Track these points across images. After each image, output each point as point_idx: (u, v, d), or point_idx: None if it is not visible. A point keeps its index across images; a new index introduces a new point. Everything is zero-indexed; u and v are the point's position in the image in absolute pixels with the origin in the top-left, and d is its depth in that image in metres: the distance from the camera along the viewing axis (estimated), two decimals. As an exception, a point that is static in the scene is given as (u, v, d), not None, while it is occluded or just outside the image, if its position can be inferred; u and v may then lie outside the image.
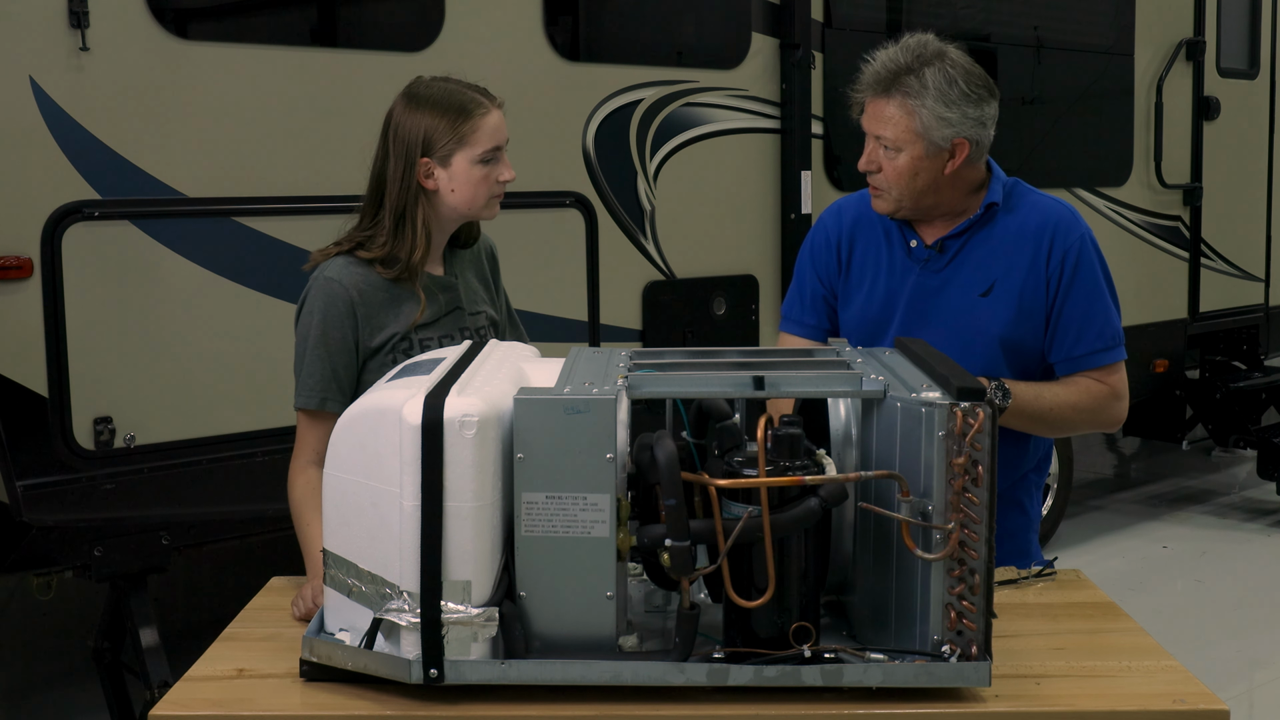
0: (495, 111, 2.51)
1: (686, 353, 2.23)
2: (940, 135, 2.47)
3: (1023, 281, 2.56)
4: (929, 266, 2.61)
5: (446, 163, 2.48)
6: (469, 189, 2.49)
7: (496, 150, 2.50)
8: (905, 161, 2.49)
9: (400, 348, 2.48)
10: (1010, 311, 2.55)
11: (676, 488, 1.79)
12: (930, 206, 2.57)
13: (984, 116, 2.51)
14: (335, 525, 1.90)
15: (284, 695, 1.89)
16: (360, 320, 2.46)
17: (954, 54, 2.52)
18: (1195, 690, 1.88)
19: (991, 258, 2.58)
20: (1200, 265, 6.68)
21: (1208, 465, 8.15)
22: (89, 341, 3.53)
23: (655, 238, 4.65)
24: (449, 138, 2.47)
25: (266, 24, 4.01)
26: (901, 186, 2.52)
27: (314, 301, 2.46)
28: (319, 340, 2.44)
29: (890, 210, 2.57)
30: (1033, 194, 2.64)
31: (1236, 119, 6.83)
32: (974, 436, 1.78)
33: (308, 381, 2.44)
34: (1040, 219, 2.58)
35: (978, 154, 2.54)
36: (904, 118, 2.47)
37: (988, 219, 2.59)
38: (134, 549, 3.73)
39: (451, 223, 2.56)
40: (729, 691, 1.82)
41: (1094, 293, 2.57)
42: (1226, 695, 2.81)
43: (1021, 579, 2.36)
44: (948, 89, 2.46)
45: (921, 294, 2.60)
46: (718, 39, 4.94)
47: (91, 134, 3.52)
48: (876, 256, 2.66)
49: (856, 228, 2.71)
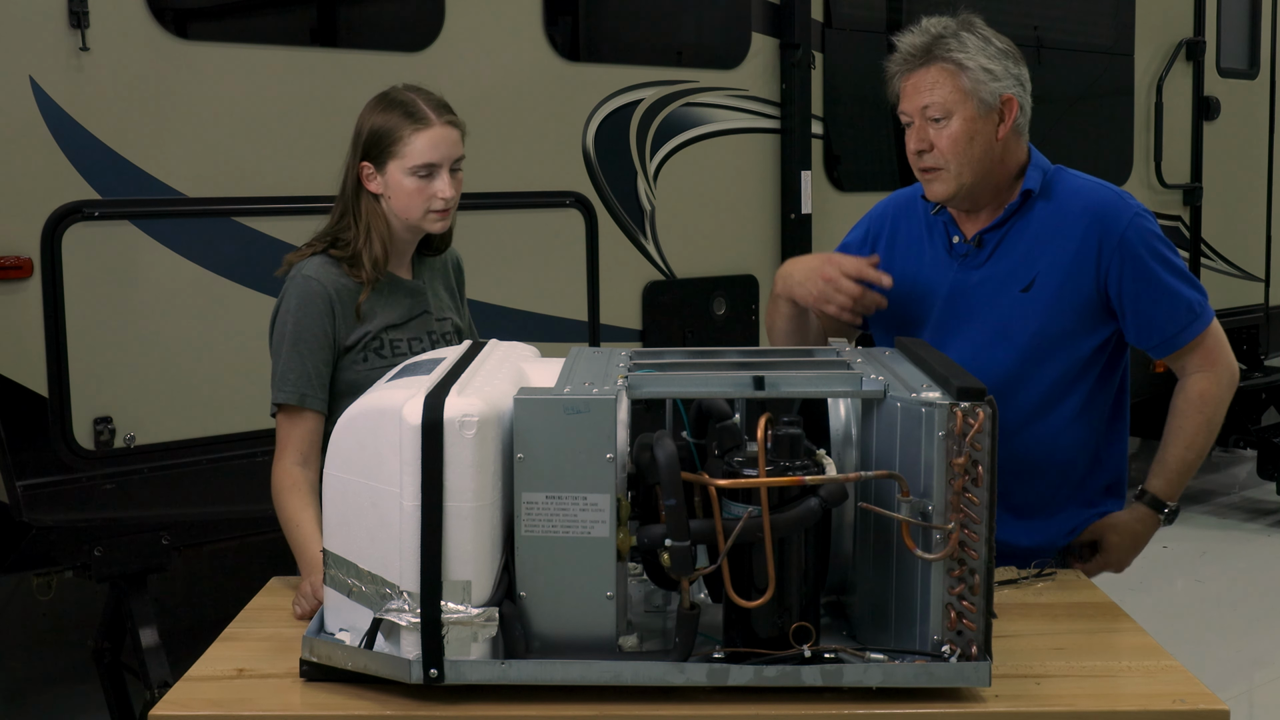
0: (439, 129, 2.49)
1: (686, 353, 2.23)
2: (989, 91, 2.42)
3: (1065, 275, 2.48)
4: (968, 263, 2.55)
5: (382, 170, 2.51)
6: (402, 199, 2.51)
7: (431, 166, 2.48)
8: (959, 126, 2.42)
9: (372, 346, 2.51)
10: (1052, 307, 2.48)
11: (676, 488, 1.79)
12: (983, 186, 2.49)
13: (1023, 76, 2.48)
14: (335, 525, 1.90)
15: (284, 695, 1.89)
16: (338, 319, 2.48)
17: (979, 21, 2.50)
18: (1195, 690, 1.88)
19: (1032, 251, 2.50)
20: (1200, 265, 6.68)
21: (1208, 465, 8.14)
22: (89, 341, 3.53)
23: (655, 238, 4.65)
24: (384, 145, 2.50)
25: (266, 24, 4.01)
26: (959, 156, 2.43)
27: (290, 300, 2.48)
28: (295, 338, 2.45)
29: (951, 190, 2.47)
30: (1075, 179, 2.57)
31: (1236, 119, 6.83)
32: (974, 436, 1.78)
33: (286, 378, 2.45)
34: (1082, 206, 2.51)
35: (1024, 120, 2.49)
36: (949, 79, 2.42)
37: (1025, 208, 2.52)
38: (134, 549, 3.72)
39: (404, 229, 2.56)
40: (729, 691, 1.82)
41: (1164, 268, 2.49)
42: (1226, 695, 2.81)
43: (1021, 579, 2.36)
44: (986, 45, 2.44)
45: (959, 292, 2.54)
46: (718, 39, 4.94)
47: (91, 134, 3.52)
48: (919, 252, 2.61)
49: (899, 216, 2.66)
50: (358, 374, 2.46)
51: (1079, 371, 2.54)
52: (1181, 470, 2.55)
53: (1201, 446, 2.55)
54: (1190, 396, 2.54)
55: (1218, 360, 2.55)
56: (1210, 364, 2.54)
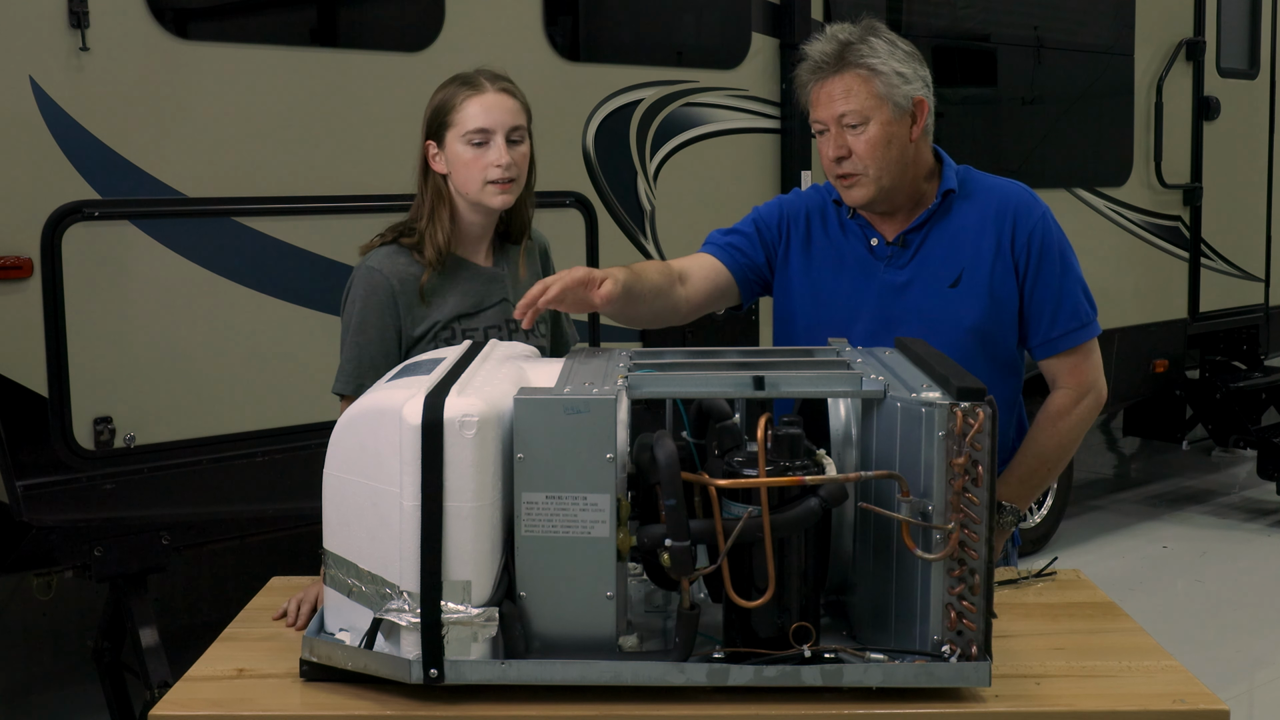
0: (492, 95, 2.48)
1: (686, 353, 2.23)
2: (902, 94, 2.43)
3: (991, 267, 2.52)
4: (893, 263, 2.56)
5: (443, 145, 2.51)
6: (460, 171, 2.49)
7: (484, 132, 2.46)
8: (876, 130, 2.43)
9: (442, 336, 2.50)
10: (982, 299, 2.51)
11: (676, 488, 1.79)
12: (899, 188, 2.50)
13: (929, 78, 2.50)
14: (335, 525, 1.90)
15: (284, 695, 1.89)
16: (402, 309, 2.47)
17: (882, 25, 2.51)
18: (1195, 690, 1.88)
19: (956, 247, 2.54)
20: (1200, 265, 6.68)
21: (1208, 465, 8.15)
22: (89, 341, 3.53)
23: (655, 238, 4.65)
24: (442, 117, 2.50)
25: (266, 24, 4.00)
26: (878, 160, 2.45)
27: (355, 290, 2.50)
28: (358, 328, 2.47)
29: (871, 194, 2.48)
30: (986, 178, 2.61)
31: (1236, 119, 6.83)
32: (974, 436, 1.78)
33: (345, 368, 2.47)
34: (1000, 202, 2.55)
35: (931, 121, 2.51)
36: (863, 84, 2.43)
37: (946, 208, 2.55)
38: (134, 549, 3.72)
39: (473, 210, 2.53)
40: (729, 691, 1.82)
41: (1063, 271, 2.54)
42: (1226, 695, 2.81)
43: (1021, 579, 2.36)
44: (894, 49, 2.45)
45: (888, 292, 2.55)
46: (718, 39, 4.94)
47: (91, 134, 3.52)
48: (839, 254, 2.61)
49: (814, 217, 2.64)
50: None
51: (1008, 360, 2.58)
52: (1026, 478, 2.55)
53: (1053, 462, 2.57)
54: (1049, 411, 2.57)
55: (1086, 378, 2.57)
56: (1078, 381, 2.57)
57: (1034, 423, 2.59)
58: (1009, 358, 2.58)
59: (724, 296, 2.66)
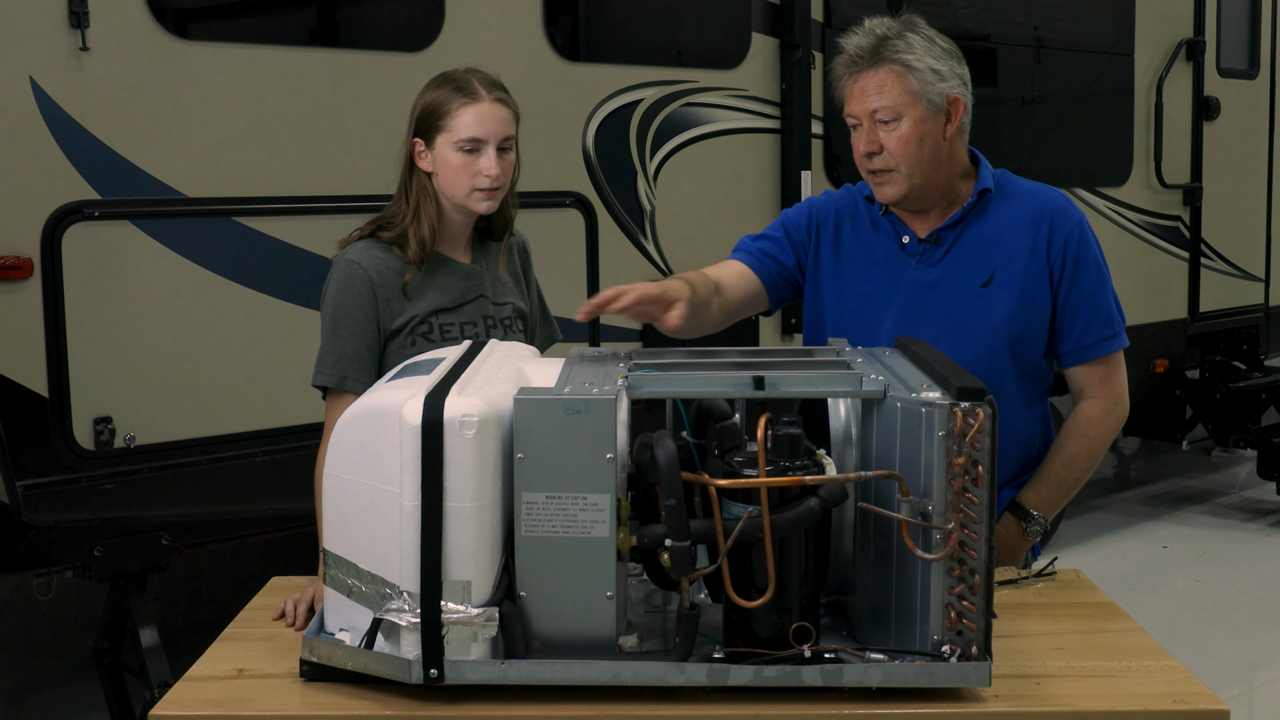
0: (487, 104, 2.49)
1: (686, 353, 2.23)
2: (936, 92, 2.43)
3: (1024, 270, 2.51)
4: (925, 260, 2.55)
5: (431, 145, 2.51)
6: (448, 175, 2.50)
7: (476, 141, 2.48)
8: (909, 127, 2.43)
9: (420, 330, 2.50)
10: (1013, 301, 2.50)
11: (676, 488, 1.79)
12: (932, 186, 2.50)
13: (966, 76, 2.49)
14: (335, 525, 1.90)
15: (284, 695, 1.89)
16: (380, 302, 2.48)
17: (922, 20, 2.50)
18: (1195, 690, 1.88)
19: (990, 247, 2.53)
20: (1200, 265, 6.68)
21: (1208, 465, 8.15)
22: (89, 341, 3.53)
23: (655, 238, 4.65)
24: (434, 120, 2.50)
25: (266, 24, 4.01)
26: (910, 158, 2.44)
27: (334, 283, 2.50)
28: (335, 321, 2.47)
29: (902, 191, 2.48)
30: (1023, 182, 2.61)
31: (1236, 119, 6.83)
32: (974, 436, 1.78)
33: (325, 360, 2.47)
34: (1037, 205, 2.55)
35: (968, 119, 2.51)
36: (897, 81, 2.42)
37: (982, 207, 2.55)
38: (134, 549, 3.72)
39: (456, 210, 2.55)
40: (729, 691, 1.82)
41: (1098, 278, 2.55)
42: (1226, 695, 2.82)
43: (1021, 579, 2.36)
44: (931, 45, 2.45)
45: (918, 288, 2.55)
46: (718, 39, 4.94)
47: (91, 134, 3.52)
48: (868, 251, 2.61)
49: (844, 217, 2.64)
50: (405, 358, 2.45)
51: (1036, 364, 2.57)
52: (1055, 486, 2.55)
53: (1081, 470, 2.57)
54: (1079, 420, 2.57)
55: (1114, 389, 2.59)
56: (1107, 392, 2.58)
57: (1062, 431, 2.58)
58: (1035, 364, 2.57)
59: (755, 303, 2.66)
